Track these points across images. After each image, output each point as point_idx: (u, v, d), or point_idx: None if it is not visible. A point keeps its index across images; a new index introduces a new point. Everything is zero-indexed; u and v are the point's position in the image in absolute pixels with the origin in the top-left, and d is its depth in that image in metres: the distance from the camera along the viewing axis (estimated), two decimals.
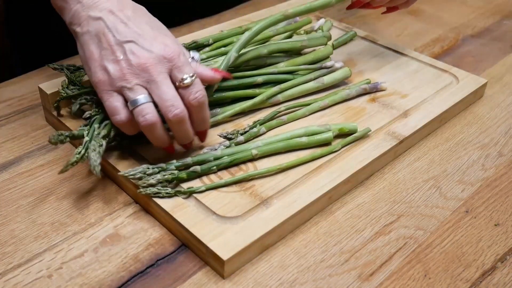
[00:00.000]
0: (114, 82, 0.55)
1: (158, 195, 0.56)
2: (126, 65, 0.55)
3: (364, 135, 0.65)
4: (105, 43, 0.56)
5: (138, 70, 0.55)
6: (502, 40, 0.93)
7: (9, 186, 0.61)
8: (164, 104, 0.55)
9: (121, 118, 0.56)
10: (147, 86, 0.56)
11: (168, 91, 0.55)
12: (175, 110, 0.55)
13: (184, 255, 0.54)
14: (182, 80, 0.56)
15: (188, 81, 0.56)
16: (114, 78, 0.55)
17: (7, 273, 0.51)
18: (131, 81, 0.55)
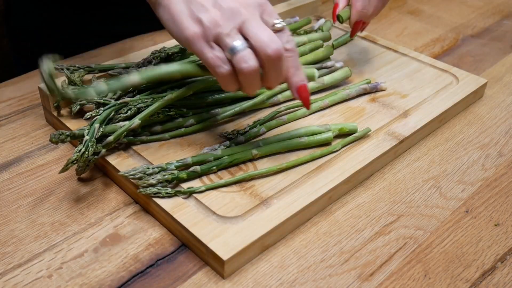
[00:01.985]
0: (210, 31, 0.53)
1: (158, 195, 0.56)
2: (218, 11, 0.53)
3: (364, 135, 0.65)
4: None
5: (230, 13, 0.53)
6: (502, 40, 0.93)
7: (9, 186, 0.61)
8: (262, 40, 0.53)
9: (225, 69, 0.54)
10: (242, 27, 0.53)
11: (265, 29, 0.53)
12: (274, 45, 0.53)
13: (184, 255, 0.54)
14: (274, 24, 0.55)
15: (280, 26, 0.55)
16: (209, 27, 0.53)
17: (7, 273, 0.51)
18: (226, 26, 0.53)
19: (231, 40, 0.53)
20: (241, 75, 0.54)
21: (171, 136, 0.65)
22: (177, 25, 0.54)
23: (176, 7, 0.54)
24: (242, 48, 0.53)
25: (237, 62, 0.53)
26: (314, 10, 0.96)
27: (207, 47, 0.54)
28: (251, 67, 0.53)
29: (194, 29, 0.53)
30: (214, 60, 0.54)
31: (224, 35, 0.53)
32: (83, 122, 0.65)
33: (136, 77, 0.56)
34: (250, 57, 0.53)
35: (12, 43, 0.98)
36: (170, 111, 0.65)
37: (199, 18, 0.53)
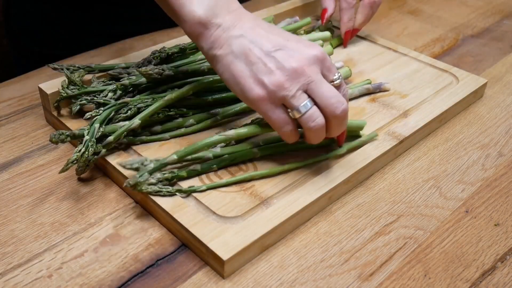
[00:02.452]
0: (275, 94, 0.54)
1: (158, 194, 0.56)
2: (282, 73, 0.54)
3: (371, 139, 0.64)
4: (254, 58, 0.55)
5: (294, 75, 0.54)
6: (502, 40, 0.93)
7: (9, 186, 0.61)
8: (329, 101, 0.55)
9: (289, 129, 0.56)
10: (307, 88, 0.55)
11: (330, 89, 0.55)
12: (342, 105, 0.55)
13: (184, 255, 0.54)
14: (334, 80, 0.56)
15: (339, 81, 0.56)
16: (274, 90, 0.54)
17: (7, 273, 0.51)
18: (291, 89, 0.54)
19: (297, 102, 0.54)
20: (308, 131, 0.56)
21: (171, 136, 0.65)
22: (240, 86, 0.56)
23: (237, 68, 0.55)
24: (309, 106, 0.55)
25: (305, 122, 0.55)
26: (314, 10, 0.96)
27: (272, 109, 0.55)
28: (319, 125, 0.55)
29: (258, 92, 0.55)
30: (280, 121, 0.56)
31: (289, 98, 0.54)
32: (83, 122, 0.65)
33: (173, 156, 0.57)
34: (317, 116, 0.55)
35: (12, 43, 0.98)
36: (170, 111, 0.65)
37: (262, 80, 0.54)
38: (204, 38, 0.58)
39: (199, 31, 0.57)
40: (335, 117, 0.55)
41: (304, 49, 0.56)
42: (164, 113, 0.64)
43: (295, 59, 0.54)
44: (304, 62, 0.55)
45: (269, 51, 0.55)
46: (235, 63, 0.56)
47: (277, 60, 0.54)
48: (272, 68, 0.54)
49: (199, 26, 0.57)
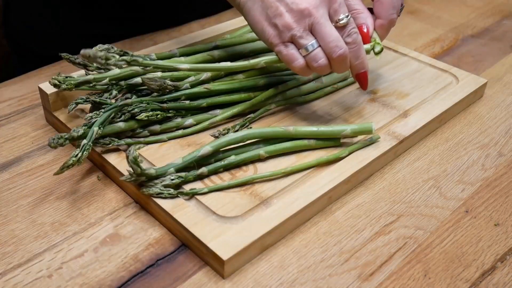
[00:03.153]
0: (285, 34, 0.61)
1: (160, 196, 0.56)
2: (290, 15, 0.60)
3: (373, 142, 0.64)
4: (268, 3, 0.61)
5: (301, 16, 0.60)
6: (502, 40, 0.93)
7: (9, 186, 0.61)
8: (328, 45, 0.60)
9: (299, 63, 0.62)
10: (312, 28, 0.61)
11: (331, 33, 0.60)
12: (339, 50, 0.61)
13: (184, 255, 0.54)
14: (339, 20, 0.61)
15: (344, 21, 0.61)
16: (283, 30, 0.61)
17: (7, 273, 0.51)
18: (298, 29, 0.60)
19: (303, 41, 0.61)
20: (313, 69, 0.62)
21: (169, 138, 0.65)
22: (258, 28, 0.63)
23: (254, 13, 0.63)
24: (313, 48, 0.61)
25: (310, 61, 0.62)
26: None
27: (283, 46, 0.62)
28: (321, 65, 0.62)
29: (271, 32, 0.62)
30: (290, 57, 0.62)
31: (297, 37, 0.61)
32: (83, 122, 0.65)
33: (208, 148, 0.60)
34: (320, 56, 0.61)
35: (11, 43, 0.98)
36: (169, 112, 0.65)
37: (275, 22, 0.61)
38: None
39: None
40: (333, 60, 0.61)
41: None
42: (162, 114, 0.64)
43: (302, 1, 0.60)
44: (311, 3, 0.60)
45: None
46: (253, 8, 0.63)
47: (286, 3, 0.60)
48: (282, 11, 0.60)
49: None
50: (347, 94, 0.75)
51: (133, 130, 0.64)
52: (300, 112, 0.71)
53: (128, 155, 0.53)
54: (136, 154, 0.53)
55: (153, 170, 0.56)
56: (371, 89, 0.76)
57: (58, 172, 0.57)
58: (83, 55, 0.58)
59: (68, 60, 0.66)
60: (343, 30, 0.61)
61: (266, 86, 0.71)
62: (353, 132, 0.64)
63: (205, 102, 0.67)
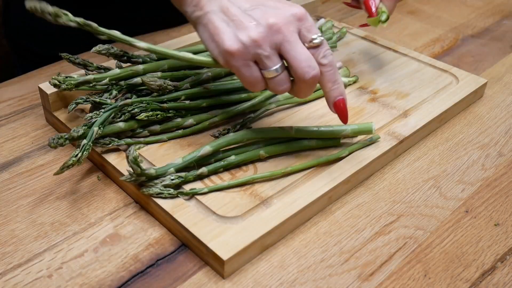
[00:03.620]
0: (249, 50, 0.54)
1: (160, 196, 0.56)
2: (257, 29, 0.54)
3: (373, 142, 0.64)
4: (232, 15, 0.55)
5: (270, 32, 0.54)
6: (502, 40, 0.93)
7: (9, 186, 0.61)
8: (299, 65, 0.54)
9: (260, 87, 0.56)
10: (281, 47, 0.54)
11: (302, 52, 0.54)
12: (312, 71, 0.54)
13: (184, 255, 0.54)
14: (312, 40, 0.55)
15: (317, 41, 0.55)
16: (248, 45, 0.54)
17: (7, 273, 0.51)
18: (265, 48, 0.54)
19: (270, 63, 0.54)
20: (274, 91, 0.57)
21: (169, 138, 0.65)
22: (215, 41, 0.55)
23: (216, 24, 0.55)
24: (280, 72, 0.55)
25: (273, 85, 0.56)
26: (314, 10, 0.96)
27: (244, 66, 0.55)
28: (284, 90, 0.56)
29: (233, 45, 0.54)
30: (252, 79, 0.56)
31: (263, 57, 0.54)
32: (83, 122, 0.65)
33: (208, 148, 0.59)
34: (285, 81, 0.56)
35: (11, 44, 0.98)
36: (169, 112, 0.65)
37: (238, 35, 0.54)
38: (186, 3, 0.58)
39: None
40: (304, 82, 0.55)
41: (282, 7, 0.55)
42: (162, 114, 0.64)
43: (271, 16, 0.54)
44: (280, 19, 0.54)
45: (246, 9, 0.55)
46: (212, 20, 0.56)
47: (253, 17, 0.54)
48: (248, 25, 0.54)
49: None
50: (347, 94, 0.75)
51: (133, 130, 0.64)
52: (300, 112, 0.71)
53: (128, 155, 0.53)
54: (136, 154, 0.53)
55: (153, 170, 0.56)
56: (371, 89, 0.76)
57: (58, 172, 0.57)
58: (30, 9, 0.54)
59: (68, 60, 0.66)
60: (317, 50, 0.55)
61: None
62: (353, 132, 0.64)
63: (205, 102, 0.67)
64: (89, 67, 0.66)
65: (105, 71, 0.67)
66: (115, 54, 0.66)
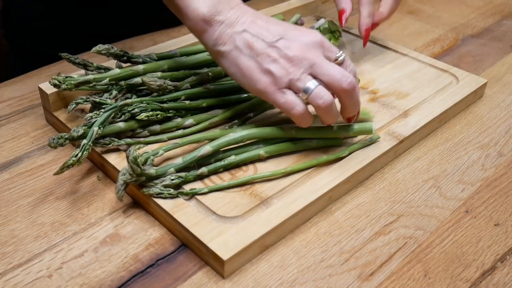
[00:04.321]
0: (281, 80, 0.57)
1: (160, 196, 0.56)
2: (286, 60, 0.57)
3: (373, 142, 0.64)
4: (258, 50, 0.58)
5: (297, 60, 0.57)
6: (502, 40, 0.93)
7: (9, 186, 0.61)
8: (335, 78, 0.57)
9: (300, 109, 0.57)
10: (311, 71, 0.57)
11: (333, 67, 0.58)
12: (347, 79, 0.57)
13: (184, 255, 0.54)
14: (337, 58, 0.59)
15: (342, 58, 0.59)
16: (280, 76, 0.57)
17: (7, 273, 0.51)
18: (296, 73, 0.57)
19: (303, 83, 0.57)
20: (319, 110, 0.58)
21: (169, 138, 0.65)
22: (247, 79, 0.58)
23: (244, 62, 0.58)
24: (315, 85, 0.57)
25: (313, 100, 0.57)
26: (314, 10, 0.97)
27: (279, 94, 0.57)
28: (327, 101, 0.57)
29: (265, 80, 0.57)
30: (288, 104, 0.57)
31: (295, 81, 0.57)
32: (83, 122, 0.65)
33: (208, 148, 0.59)
34: (324, 93, 0.57)
35: (11, 44, 0.98)
36: (169, 112, 0.65)
37: (268, 69, 0.57)
38: (207, 35, 0.60)
39: (203, 28, 0.59)
40: (344, 91, 0.58)
41: (303, 36, 0.59)
42: (162, 114, 0.64)
43: (296, 46, 0.57)
44: (305, 48, 0.58)
45: (271, 42, 0.58)
46: (240, 57, 0.58)
47: (279, 49, 0.57)
48: (276, 57, 0.57)
49: (203, 24, 0.59)
50: None
51: (133, 130, 0.64)
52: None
53: (128, 155, 0.53)
54: (136, 154, 0.53)
55: (153, 170, 0.56)
56: (371, 89, 0.76)
57: (58, 172, 0.57)
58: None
59: (68, 60, 0.66)
60: (342, 66, 0.59)
61: None
62: (353, 132, 0.64)
63: (205, 102, 0.67)
64: (89, 67, 0.66)
65: (105, 71, 0.67)
66: (115, 54, 0.66)
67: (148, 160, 0.57)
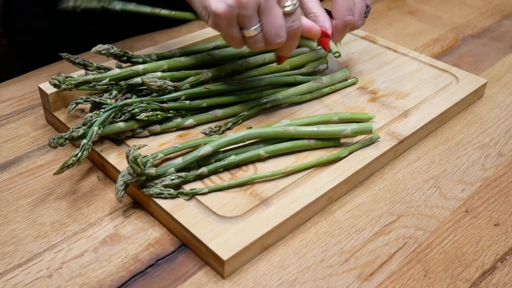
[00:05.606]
0: (234, 11, 0.59)
1: (160, 196, 0.56)
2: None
3: (373, 142, 0.64)
4: None
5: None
6: (502, 40, 0.93)
7: (9, 186, 0.61)
8: (270, 31, 0.60)
9: (239, 46, 0.62)
10: (259, 10, 0.59)
11: (276, 20, 0.60)
12: (278, 39, 0.61)
13: (184, 255, 0.54)
14: (285, 7, 0.60)
15: (289, 9, 0.61)
16: (233, 6, 0.58)
17: (7, 273, 0.51)
18: (248, 8, 0.58)
19: (250, 24, 0.60)
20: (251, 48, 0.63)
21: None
22: (202, 5, 0.60)
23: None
24: (256, 33, 0.60)
25: (251, 43, 0.62)
26: None
27: (229, 27, 0.60)
28: (260, 48, 0.62)
29: (219, 6, 0.59)
30: (235, 40, 0.61)
31: (245, 17, 0.59)
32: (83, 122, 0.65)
33: (208, 148, 0.59)
34: (260, 41, 0.61)
35: (11, 44, 0.98)
36: (169, 112, 0.65)
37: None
38: None
39: None
40: (272, 46, 0.62)
41: None
42: (162, 114, 0.64)
43: None
44: None
45: None
46: None
47: None
48: None
49: None
50: (347, 94, 0.75)
51: (133, 130, 0.64)
52: (300, 112, 0.71)
53: (128, 155, 0.53)
54: (136, 154, 0.53)
55: (153, 170, 0.56)
56: (371, 89, 0.76)
57: (58, 172, 0.57)
58: None
59: (68, 60, 0.66)
60: (287, 18, 0.61)
61: (266, 86, 0.71)
62: (353, 132, 0.64)
63: (205, 102, 0.67)
64: (89, 67, 0.66)
65: (105, 71, 0.67)
66: (115, 54, 0.66)
67: (147, 163, 0.57)
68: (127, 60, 0.68)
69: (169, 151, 0.60)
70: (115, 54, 0.66)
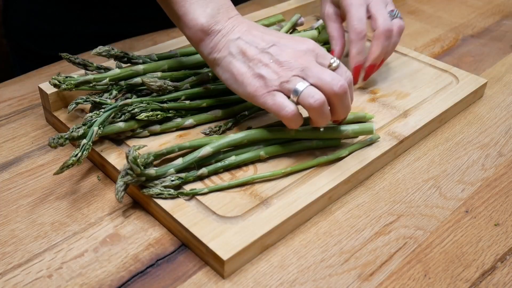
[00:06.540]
0: (271, 83, 0.57)
1: (160, 196, 0.56)
2: (277, 65, 0.58)
3: (373, 142, 0.64)
4: (250, 56, 0.59)
5: (289, 64, 0.57)
6: (502, 40, 0.93)
7: (9, 186, 0.61)
8: (325, 81, 0.57)
9: (290, 110, 0.57)
10: (303, 74, 0.57)
11: (324, 70, 0.57)
12: (338, 82, 0.57)
13: (184, 255, 0.54)
14: (331, 64, 0.59)
15: (336, 64, 0.59)
16: (270, 79, 0.57)
17: (7, 273, 0.51)
18: (286, 76, 0.57)
19: (293, 84, 0.57)
20: (310, 110, 0.58)
21: None
22: (239, 83, 0.59)
23: (236, 67, 0.59)
24: (305, 86, 0.57)
25: (304, 99, 0.57)
26: (314, 10, 0.96)
27: (269, 96, 0.58)
28: (319, 100, 0.56)
29: (256, 83, 0.58)
30: (277, 105, 0.57)
31: (285, 83, 0.57)
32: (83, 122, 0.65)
33: (208, 148, 0.59)
34: (315, 92, 0.57)
35: (11, 44, 0.98)
36: (169, 112, 0.65)
37: (260, 73, 0.58)
38: (204, 44, 0.61)
39: (201, 37, 0.61)
40: (335, 95, 0.57)
41: (296, 44, 0.59)
42: (162, 114, 0.64)
43: (288, 52, 0.58)
44: (297, 53, 0.58)
45: (264, 48, 0.59)
46: (233, 62, 0.59)
47: (271, 55, 0.58)
48: (268, 62, 0.58)
49: (201, 33, 0.61)
50: None
51: (133, 130, 0.64)
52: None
53: (128, 155, 0.53)
54: (136, 154, 0.53)
55: (153, 171, 0.56)
56: (371, 89, 0.76)
57: (58, 172, 0.57)
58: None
59: (68, 60, 0.66)
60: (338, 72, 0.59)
61: None
62: (353, 132, 0.64)
63: (205, 102, 0.67)
64: (89, 67, 0.66)
65: (105, 71, 0.67)
66: (115, 55, 0.66)
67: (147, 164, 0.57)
68: (127, 61, 0.68)
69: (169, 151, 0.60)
70: (116, 55, 0.66)
